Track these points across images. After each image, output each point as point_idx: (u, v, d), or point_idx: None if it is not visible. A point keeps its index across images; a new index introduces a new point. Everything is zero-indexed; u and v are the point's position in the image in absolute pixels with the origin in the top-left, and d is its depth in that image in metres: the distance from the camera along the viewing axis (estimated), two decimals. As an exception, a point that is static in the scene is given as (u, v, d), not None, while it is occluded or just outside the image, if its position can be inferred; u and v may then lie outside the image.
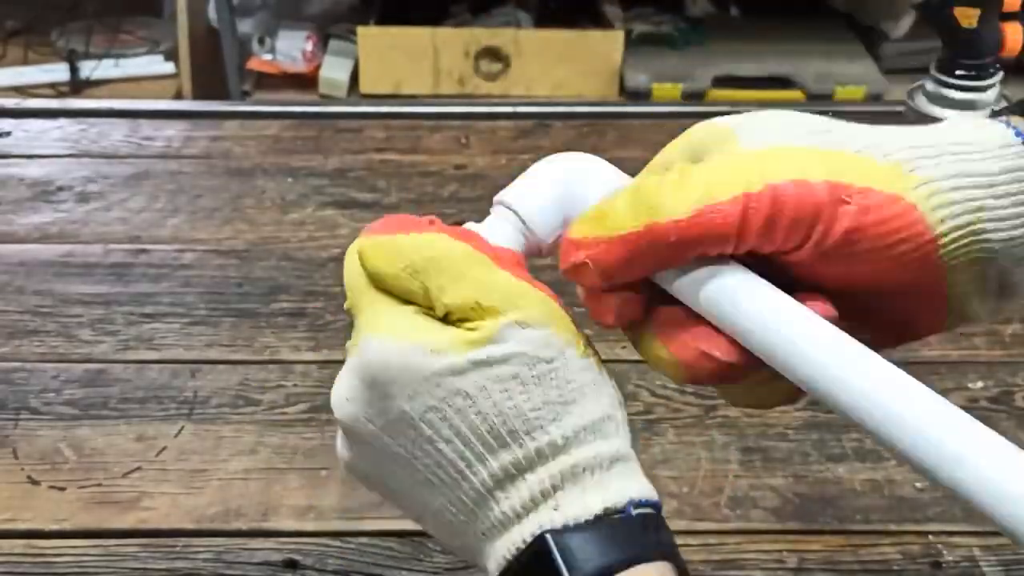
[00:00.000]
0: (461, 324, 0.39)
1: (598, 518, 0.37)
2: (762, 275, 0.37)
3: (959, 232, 0.34)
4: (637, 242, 0.37)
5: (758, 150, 0.37)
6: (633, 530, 0.37)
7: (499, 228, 0.43)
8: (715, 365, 0.38)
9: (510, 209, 0.43)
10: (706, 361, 0.38)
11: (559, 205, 0.42)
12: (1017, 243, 0.35)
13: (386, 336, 0.39)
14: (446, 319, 0.39)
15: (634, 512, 0.37)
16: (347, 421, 0.41)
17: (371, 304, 0.40)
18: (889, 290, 0.37)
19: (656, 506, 0.39)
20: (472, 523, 0.39)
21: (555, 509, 0.37)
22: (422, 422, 0.38)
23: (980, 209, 0.34)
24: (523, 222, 0.43)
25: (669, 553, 0.38)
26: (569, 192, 0.42)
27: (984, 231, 0.35)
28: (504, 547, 0.38)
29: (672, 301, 0.39)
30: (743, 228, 0.35)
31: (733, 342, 0.37)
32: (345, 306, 0.42)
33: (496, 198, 0.44)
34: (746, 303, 0.36)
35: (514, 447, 0.38)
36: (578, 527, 0.37)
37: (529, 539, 0.37)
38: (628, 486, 0.39)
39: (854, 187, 0.35)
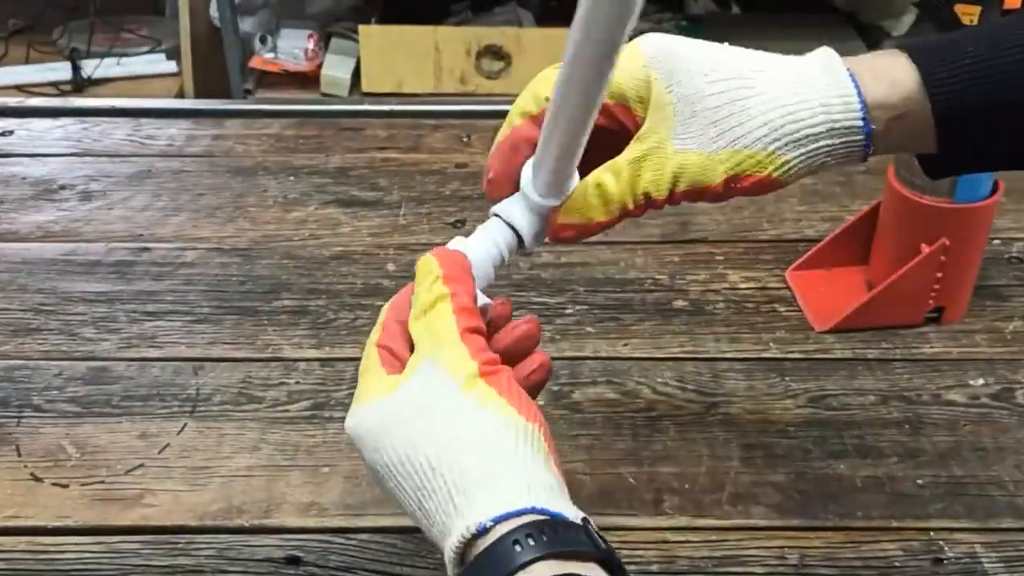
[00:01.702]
0: None
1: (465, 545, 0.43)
2: None
3: (799, 176, 0.52)
4: (606, 224, 0.53)
5: (686, 156, 0.51)
6: (486, 556, 0.42)
7: (485, 240, 0.54)
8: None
9: (502, 218, 0.54)
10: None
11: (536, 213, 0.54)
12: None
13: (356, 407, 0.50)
14: None
15: (490, 526, 0.42)
16: None
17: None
18: None
19: (526, 511, 0.43)
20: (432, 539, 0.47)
21: (447, 535, 0.44)
22: (378, 460, 0.48)
23: (820, 165, 0.51)
24: (512, 227, 0.54)
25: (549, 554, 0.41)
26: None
27: (816, 170, 0.52)
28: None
29: None
30: (672, 204, 0.53)
31: None
32: None
33: (492, 209, 0.55)
34: None
35: (413, 473, 0.46)
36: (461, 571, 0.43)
37: (451, 571, 0.44)
38: (490, 503, 0.43)
39: (740, 176, 0.51)
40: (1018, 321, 0.82)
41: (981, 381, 0.76)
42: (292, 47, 2.27)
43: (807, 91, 0.49)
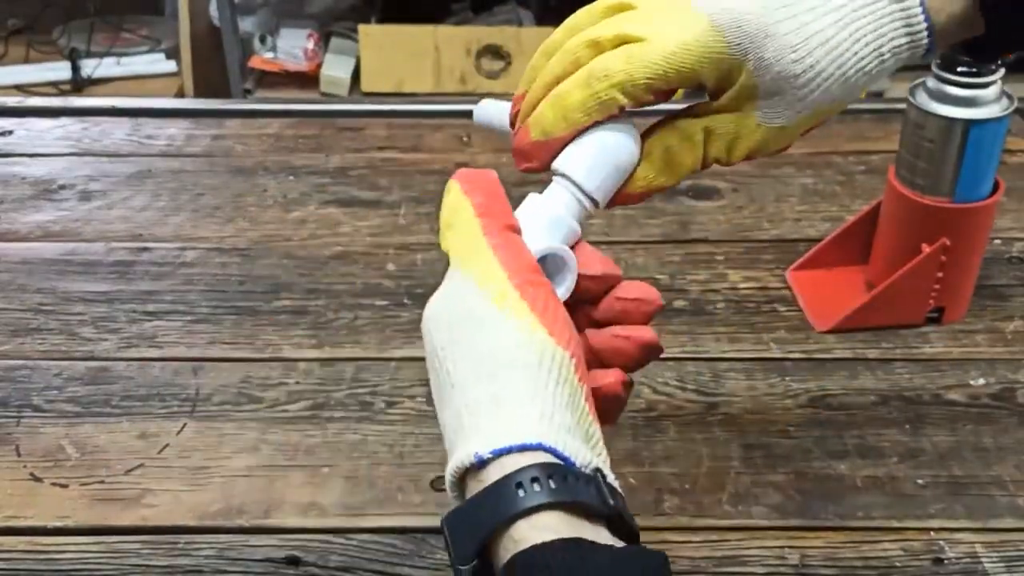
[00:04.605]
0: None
1: (466, 472, 0.41)
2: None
3: None
4: (672, 186, 0.51)
5: (769, 129, 0.48)
6: (492, 492, 0.39)
7: (558, 194, 0.49)
8: None
9: (569, 179, 0.49)
10: None
11: (610, 170, 0.49)
12: None
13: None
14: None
15: (488, 458, 0.40)
16: None
17: None
18: None
19: (531, 447, 0.40)
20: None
21: (452, 454, 0.42)
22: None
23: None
24: (582, 188, 0.48)
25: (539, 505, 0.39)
26: (618, 160, 0.49)
27: None
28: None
29: None
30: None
31: None
32: None
33: (553, 166, 0.49)
34: None
35: (437, 384, 0.44)
36: (462, 504, 0.41)
37: (449, 498, 0.42)
38: (492, 434, 0.41)
39: (813, 128, 0.50)
40: (1019, 321, 0.82)
41: (982, 381, 0.76)
42: (292, 47, 2.27)
43: (876, 31, 0.47)
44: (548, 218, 0.48)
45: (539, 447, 0.40)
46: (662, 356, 0.78)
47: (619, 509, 0.40)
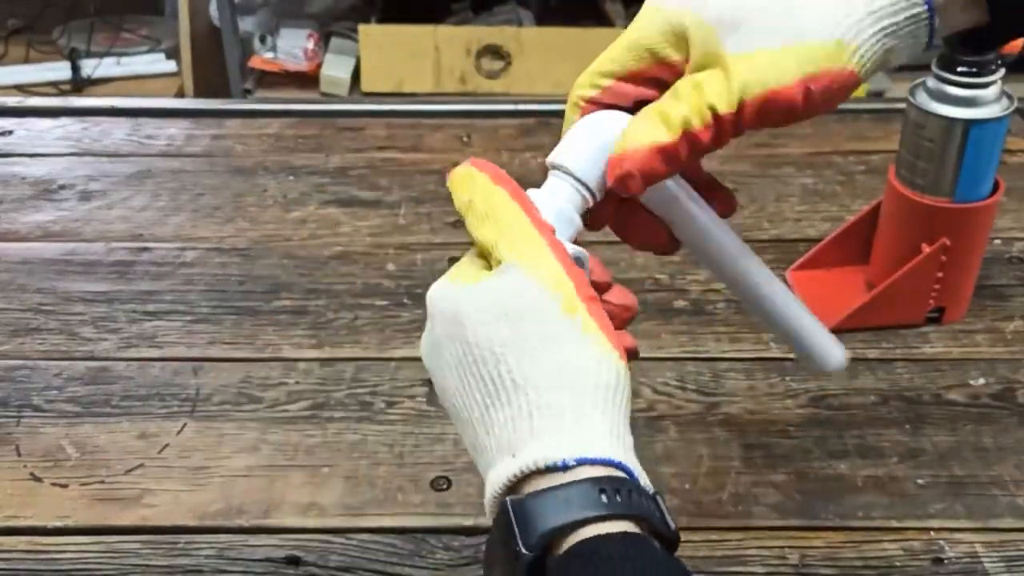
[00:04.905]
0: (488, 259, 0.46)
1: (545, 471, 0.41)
2: None
3: (875, 67, 0.46)
4: (670, 149, 0.46)
5: (747, 56, 0.45)
6: (575, 491, 0.40)
7: (556, 187, 0.49)
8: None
9: (561, 168, 0.49)
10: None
11: (601, 154, 0.48)
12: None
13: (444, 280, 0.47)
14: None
15: (571, 465, 0.41)
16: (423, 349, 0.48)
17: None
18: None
19: (609, 464, 0.41)
20: (483, 446, 0.44)
21: (512, 456, 0.42)
22: (444, 342, 0.45)
23: (889, 51, 0.46)
24: (574, 176, 0.48)
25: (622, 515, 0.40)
26: (606, 141, 0.48)
27: (888, 59, 0.46)
28: (490, 486, 0.43)
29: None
30: (743, 127, 0.46)
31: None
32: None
33: (548, 161, 0.49)
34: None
35: (486, 378, 0.43)
36: (530, 493, 0.41)
37: (498, 488, 0.42)
38: (575, 442, 0.41)
39: (815, 75, 0.45)
40: (1018, 321, 0.82)
41: (982, 381, 0.76)
42: (292, 47, 2.27)
43: None
44: (555, 214, 0.48)
45: (616, 464, 0.42)
46: (662, 356, 0.79)
47: (677, 533, 0.42)
